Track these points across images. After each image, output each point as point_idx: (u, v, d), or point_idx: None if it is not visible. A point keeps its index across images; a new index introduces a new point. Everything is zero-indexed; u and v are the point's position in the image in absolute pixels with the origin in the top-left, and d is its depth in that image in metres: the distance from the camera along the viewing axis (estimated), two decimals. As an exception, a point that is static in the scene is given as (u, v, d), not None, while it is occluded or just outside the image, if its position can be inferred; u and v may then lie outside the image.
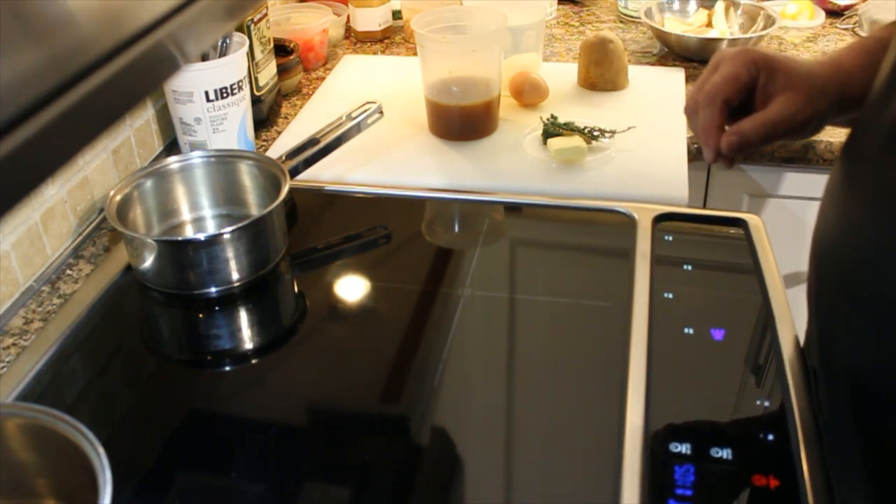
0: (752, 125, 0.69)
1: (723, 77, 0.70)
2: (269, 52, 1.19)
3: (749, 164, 1.20)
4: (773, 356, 0.75)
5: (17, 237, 0.87)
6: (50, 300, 0.89)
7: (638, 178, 1.05)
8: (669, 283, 0.84)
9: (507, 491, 0.67)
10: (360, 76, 1.37)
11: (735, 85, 0.70)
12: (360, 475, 0.69)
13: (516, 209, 1.02)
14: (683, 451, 0.66)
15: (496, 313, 0.85)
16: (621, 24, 1.56)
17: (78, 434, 0.58)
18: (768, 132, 0.68)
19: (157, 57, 0.30)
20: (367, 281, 0.92)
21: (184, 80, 1.02)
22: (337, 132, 1.00)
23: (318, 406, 0.77)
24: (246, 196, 0.96)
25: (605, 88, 1.27)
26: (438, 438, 0.71)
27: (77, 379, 0.80)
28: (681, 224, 0.94)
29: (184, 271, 0.85)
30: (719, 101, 0.70)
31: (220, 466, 0.69)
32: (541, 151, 1.11)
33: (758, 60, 0.70)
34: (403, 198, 1.03)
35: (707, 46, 1.35)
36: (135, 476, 0.68)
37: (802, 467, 0.64)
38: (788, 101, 0.68)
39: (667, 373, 0.74)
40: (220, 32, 0.39)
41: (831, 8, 1.54)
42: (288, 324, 0.88)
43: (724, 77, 0.70)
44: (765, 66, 0.70)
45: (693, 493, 0.63)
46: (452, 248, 0.99)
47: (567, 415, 0.73)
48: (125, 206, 0.88)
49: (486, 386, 0.77)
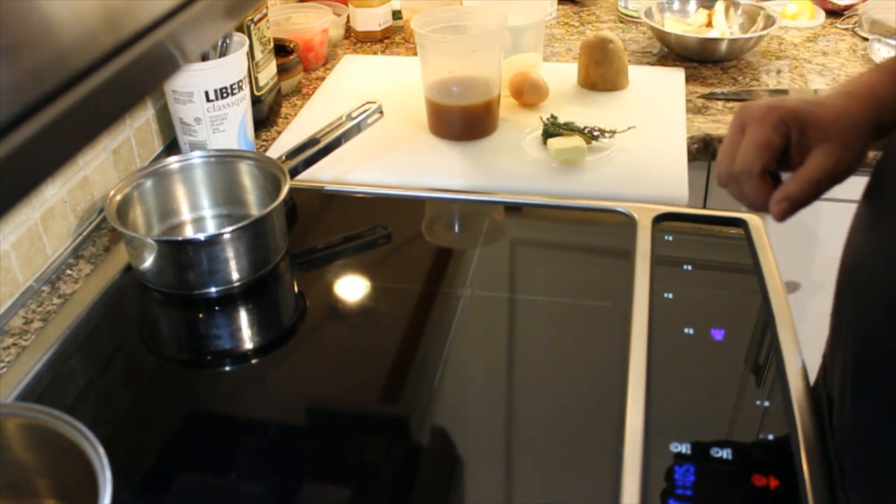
0: (799, 186, 0.67)
1: (755, 145, 0.68)
2: (269, 52, 1.19)
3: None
4: (773, 356, 0.75)
5: (17, 237, 0.87)
6: (50, 300, 0.89)
7: (638, 178, 1.05)
8: (669, 283, 0.84)
9: (507, 491, 0.67)
10: (360, 76, 1.37)
11: (769, 152, 0.68)
12: (360, 475, 0.69)
13: (516, 209, 1.02)
14: (683, 451, 0.66)
15: (496, 313, 0.85)
16: (621, 24, 1.56)
17: (78, 434, 0.58)
18: (815, 189, 0.67)
19: (157, 57, 0.30)
20: (367, 281, 0.92)
21: (184, 80, 1.02)
22: (337, 132, 1.00)
23: (318, 406, 0.77)
24: (246, 196, 0.96)
25: (605, 88, 1.27)
26: (438, 438, 0.71)
27: (77, 379, 0.80)
28: (681, 224, 0.94)
29: (184, 271, 0.85)
30: (757, 172, 0.68)
31: (220, 466, 0.69)
32: (541, 151, 1.11)
33: (786, 119, 0.68)
34: (403, 198, 1.03)
35: (707, 46, 1.35)
36: (135, 476, 0.68)
37: (802, 467, 0.64)
38: (827, 154, 0.67)
39: (667, 373, 0.74)
40: (220, 32, 0.39)
41: (831, 8, 1.54)
42: (288, 324, 0.88)
43: (757, 145, 0.68)
44: (795, 124, 0.68)
45: (693, 493, 0.63)
46: (452, 248, 0.99)
47: (567, 415, 0.73)
48: (125, 206, 0.88)
49: (486, 386, 0.77)
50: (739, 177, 0.69)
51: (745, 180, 0.69)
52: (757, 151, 0.68)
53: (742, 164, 0.69)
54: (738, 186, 0.70)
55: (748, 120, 0.70)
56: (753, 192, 0.69)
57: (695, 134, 1.16)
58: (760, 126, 0.68)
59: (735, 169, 0.70)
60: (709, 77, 1.33)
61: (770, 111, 0.69)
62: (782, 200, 0.67)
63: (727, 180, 0.71)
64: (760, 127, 0.68)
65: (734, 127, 0.71)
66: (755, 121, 0.69)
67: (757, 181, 0.69)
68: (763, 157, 0.68)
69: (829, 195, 0.69)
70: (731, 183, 0.71)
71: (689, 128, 1.17)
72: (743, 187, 0.70)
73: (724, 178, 0.72)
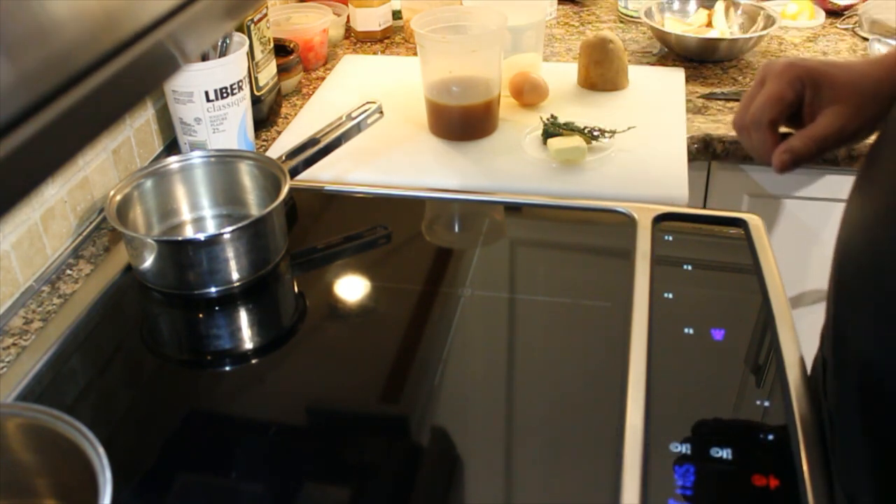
0: (803, 142, 0.70)
1: (768, 98, 0.72)
2: (269, 52, 1.19)
3: (749, 165, 1.20)
4: (773, 356, 0.75)
5: (17, 237, 0.87)
6: (50, 300, 0.89)
7: (638, 178, 1.05)
8: (669, 283, 0.84)
9: (507, 491, 0.67)
10: (360, 76, 1.37)
11: (780, 105, 0.72)
12: (360, 475, 0.69)
13: (516, 209, 1.02)
14: (683, 451, 0.66)
15: (496, 313, 0.85)
16: (621, 24, 1.56)
17: (78, 434, 0.58)
18: (819, 146, 0.70)
19: (157, 57, 0.30)
20: (367, 281, 0.92)
21: (184, 80, 1.02)
22: (337, 132, 1.00)
23: (318, 406, 0.77)
24: (246, 196, 0.96)
25: (605, 88, 1.27)
26: (438, 438, 0.71)
27: (77, 379, 0.80)
28: (681, 224, 0.94)
29: (184, 271, 0.85)
30: (765, 123, 0.72)
31: (220, 466, 0.69)
32: (541, 151, 1.11)
33: (802, 76, 0.71)
34: (403, 198, 1.03)
35: (707, 46, 1.35)
36: (135, 476, 0.68)
37: (802, 467, 0.64)
38: (836, 115, 0.70)
39: (667, 373, 0.74)
40: (220, 32, 0.39)
41: (831, 8, 1.54)
42: (288, 324, 0.88)
43: (770, 98, 0.72)
44: (810, 82, 0.71)
45: (693, 493, 0.63)
46: (452, 248, 0.99)
47: (567, 415, 0.73)
48: (125, 206, 0.88)
49: (486, 386, 0.77)
50: (750, 126, 0.73)
51: (754, 130, 0.73)
52: (768, 103, 0.72)
53: (753, 115, 0.73)
54: (748, 136, 0.74)
55: (768, 74, 0.73)
56: (760, 142, 0.72)
57: (695, 134, 1.16)
58: (777, 81, 0.72)
59: (747, 119, 0.73)
60: (709, 77, 1.33)
61: (789, 68, 0.72)
62: (785, 152, 0.70)
63: (739, 129, 0.75)
64: (777, 82, 0.72)
65: (756, 81, 0.75)
66: (774, 76, 0.72)
67: (765, 132, 0.72)
68: (773, 109, 0.71)
69: (829, 195, 0.69)
70: (742, 132, 0.75)
71: (689, 128, 1.17)
72: (752, 136, 0.73)
73: (738, 127, 0.75)
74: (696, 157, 1.17)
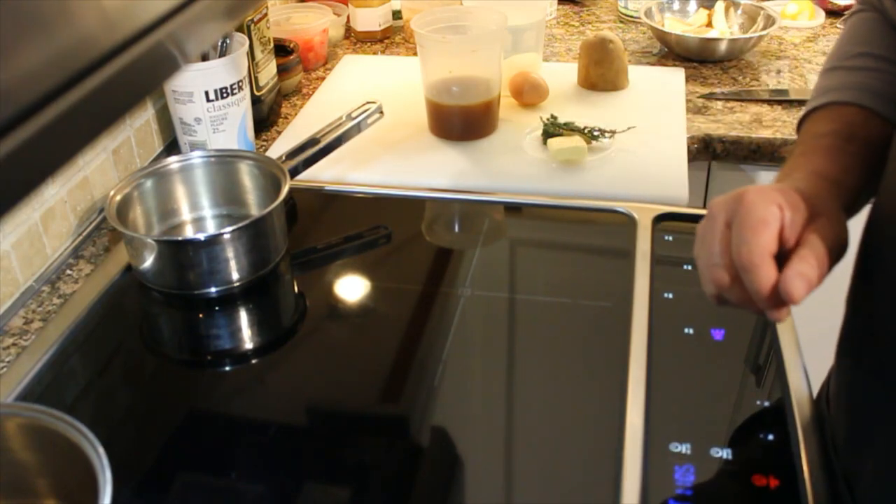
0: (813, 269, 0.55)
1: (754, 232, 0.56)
2: (269, 52, 1.19)
3: (749, 165, 1.20)
4: (773, 356, 0.75)
5: (17, 237, 0.87)
6: (50, 300, 0.89)
7: (638, 178, 1.05)
8: (669, 283, 0.84)
9: (507, 491, 0.67)
10: (360, 76, 1.37)
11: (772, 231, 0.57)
12: (360, 475, 0.69)
13: (516, 209, 1.02)
14: (683, 451, 0.66)
15: (496, 313, 0.85)
16: (621, 24, 1.56)
17: (78, 434, 0.58)
18: (829, 265, 0.58)
19: (157, 57, 0.30)
20: (367, 281, 0.92)
21: (184, 80, 1.02)
22: (337, 132, 1.00)
23: (318, 406, 0.77)
24: (246, 196, 0.96)
25: (605, 88, 1.27)
26: (438, 438, 0.71)
27: (77, 379, 0.80)
28: (681, 224, 0.94)
29: (184, 271, 0.85)
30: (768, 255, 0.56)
31: (220, 466, 0.69)
32: (541, 151, 1.11)
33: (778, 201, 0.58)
34: (403, 198, 1.03)
35: (707, 46, 1.35)
36: (135, 476, 0.68)
37: (802, 467, 0.64)
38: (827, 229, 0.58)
39: (667, 373, 0.74)
40: (220, 32, 0.39)
41: (831, 8, 1.54)
42: (288, 324, 0.88)
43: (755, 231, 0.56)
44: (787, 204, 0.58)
45: (693, 493, 0.63)
46: (452, 248, 0.99)
47: (567, 415, 0.73)
48: (125, 206, 0.88)
49: (486, 386, 0.77)
50: (749, 268, 0.56)
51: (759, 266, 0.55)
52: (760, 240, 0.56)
53: (754, 253, 0.56)
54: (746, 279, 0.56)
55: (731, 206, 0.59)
56: (766, 279, 0.55)
57: (695, 134, 1.16)
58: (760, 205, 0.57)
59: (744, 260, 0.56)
60: (709, 77, 1.33)
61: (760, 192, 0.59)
62: (804, 287, 0.55)
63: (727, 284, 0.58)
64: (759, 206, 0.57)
65: (720, 221, 0.60)
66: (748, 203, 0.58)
67: (770, 266, 0.55)
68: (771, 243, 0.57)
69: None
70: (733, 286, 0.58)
71: (689, 128, 1.17)
72: (760, 274, 0.55)
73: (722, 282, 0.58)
74: (696, 157, 1.17)
